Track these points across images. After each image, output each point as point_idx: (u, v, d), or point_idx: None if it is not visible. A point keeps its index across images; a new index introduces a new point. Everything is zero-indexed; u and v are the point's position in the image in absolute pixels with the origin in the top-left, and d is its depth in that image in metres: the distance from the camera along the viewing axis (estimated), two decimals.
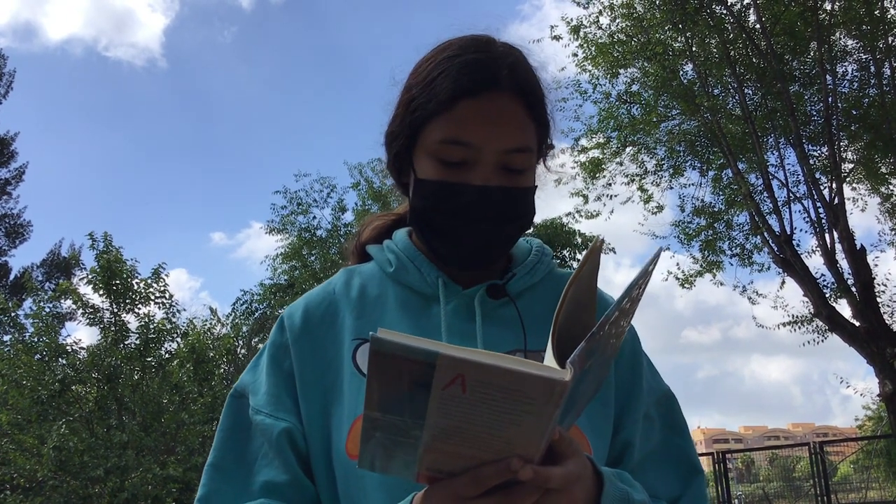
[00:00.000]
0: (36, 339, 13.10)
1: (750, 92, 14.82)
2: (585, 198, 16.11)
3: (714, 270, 15.59)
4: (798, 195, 14.58)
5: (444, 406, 0.76)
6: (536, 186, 1.22)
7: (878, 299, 13.68)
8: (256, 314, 21.01)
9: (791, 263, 13.90)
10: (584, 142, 15.83)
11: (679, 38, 14.74)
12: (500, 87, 1.13)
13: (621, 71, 15.28)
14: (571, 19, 15.01)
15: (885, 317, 13.64)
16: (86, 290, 13.38)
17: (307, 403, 1.17)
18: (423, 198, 1.18)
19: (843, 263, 13.77)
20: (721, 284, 15.72)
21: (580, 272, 0.91)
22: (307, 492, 1.15)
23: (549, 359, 0.84)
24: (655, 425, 1.26)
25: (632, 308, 0.90)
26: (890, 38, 13.97)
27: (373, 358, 0.74)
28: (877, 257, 14.25)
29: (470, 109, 1.12)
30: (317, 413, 1.16)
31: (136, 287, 13.48)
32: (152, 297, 13.66)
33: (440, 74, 1.15)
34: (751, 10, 14.33)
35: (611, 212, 16.03)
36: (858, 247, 13.65)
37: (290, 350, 1.20)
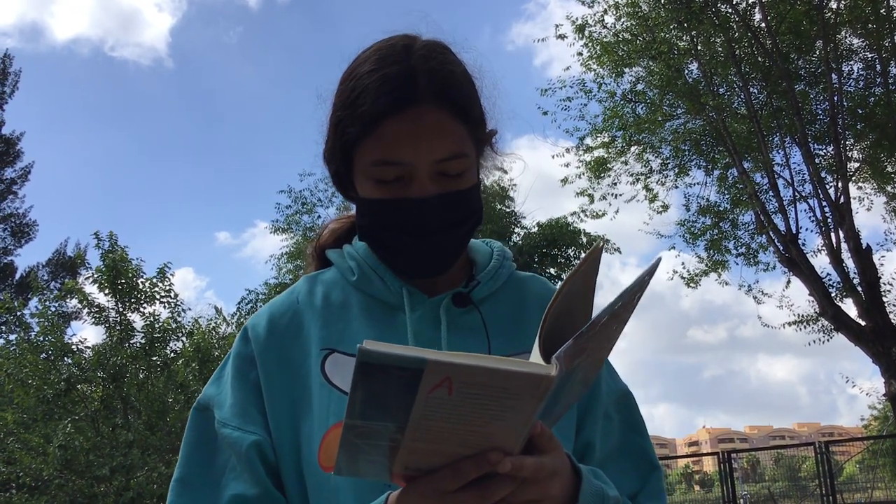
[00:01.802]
0: (41, 339, 13.12)
1: (755, 91, 14.80)
2: (591, 197, 16.12)
3: (719, 270, 15.59)
4: (803, 194, 14.57)
5: (428, 409, 0.77)
6: (480, 180, 1.22)
7: (884, 298, 13.65)
8: None
9: (797, 263, 13.88)
10: (588, 141, 15.83)
11: (684, 37, 14.72)
12: (420, 99, 1.11)
13: (626, 70, 15.28)
14: (576, 18, 15.03)
15: (891, 316, 13.61)
16: (91, 289, 13.39)
17: (275, 415, 1.16)
18: (366, 217, 1.18)
19: (849, 263, 13.76)
20: (726, 284, 15.72)
21: (576, 272, 0.91)
22: None
23: (535, 354, 0.85)
24: (615, 424, 1.27)
25: (626, 315, 0.90)
26: None
27: (359, 369, 0.74)
28: (882, 256, 14.28)
29: (394, 128, 1.11)
30: (285, 425, 1.15)
31: (141, 286, 13.50)
32: (157, 297, 13.67)
33: (360, 95, 1.14)
34: (756, 9, 14.31)
35: (616, 211, 16.05)
36: (864, 246, 13.62)
37: (255, 361, 1.19)
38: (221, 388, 1.21)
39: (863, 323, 13.39)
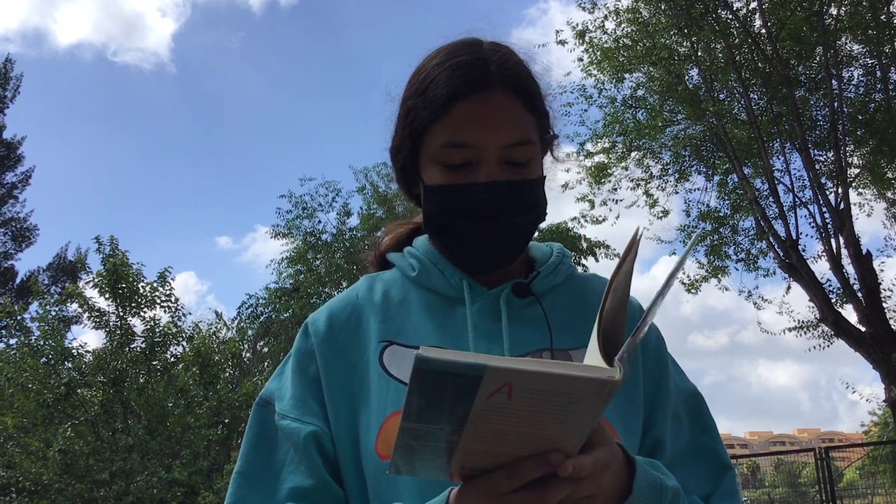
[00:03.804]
0: (42, 343, 13.11)
1: (755, 97, 14.81)
2: (591, 203, 16.11)
3: (719, 275, 15.57)
4: (804, 200, 14.56)
5: (486, 412, 0.76)
6: (545, 177, 1.23)
7: (884, 304, 13.65)
8: (262, 318, 21.02)
9: (797, 268, 13.87)
10: (589, 146, 15.82)
11: (684, 43, 14.74)
12: (492, 84, 1.15)
13: (626, 76, 15.29)
14: (577, 24, 15.05)
15: (891, 322, 13.60)
16: (92, 293, 13.40)
17: (334, 407, 1.17)
18: (433, 204, 1.19)
19: (849, 268, 13.75)
20: (726, 290, 15.71)
21: (623, 264, 0.92)
22: (334, 495, 1.15)
23: (595, 355, 0.84)
24: (684, 424, 1.27)
25: (665, 296, 0.91)
26: None
27: (416, 375, 0.73)
28: (882, 262, 14.31)
29: (465, 110, 1.14)
30: (344, 417, 1.16)
31: (141, 291, 13.50)
32: (158, 301, 13.67)
33: (432, 81, 1.17)
34: (756, 15, 14.33)
35: (616, 217, 16.03)
36: (864, 252, 13.62)
37: (315, 355, 1.21)
38: (282, 383, 1.23)
39: (863, 329, 13.38)
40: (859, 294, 13.49)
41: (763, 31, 14.21)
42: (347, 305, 1.26)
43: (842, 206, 13.82)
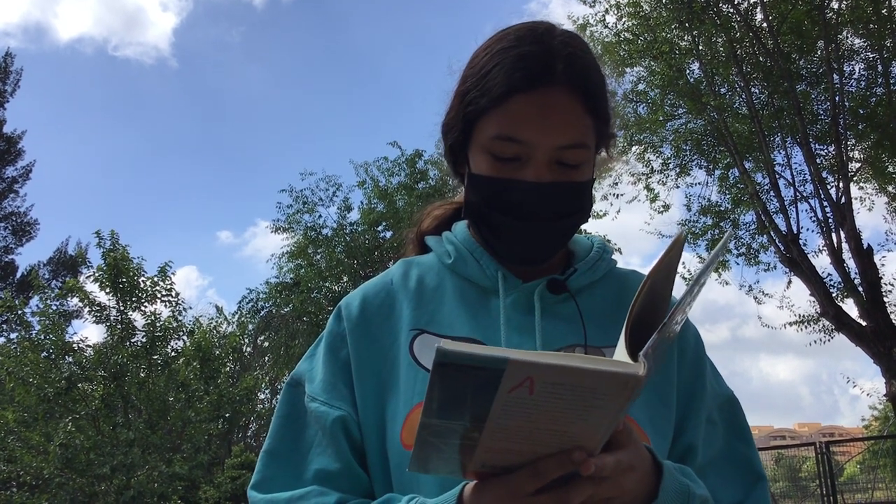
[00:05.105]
0: (42, 337, 13.15)
1: (756, 91, 14.78)
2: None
3: (720, 270, 15.57)
4: (805, 194, 14.54)
5: (508, 408, 0.75)
6: (595, 179, 1.20)
7: (885, 299, 13.63)
8: (262, 313, 21.02)
9: (797, 263, 13.87)
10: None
11: (685, 37, 14.71)
12: (555, 81, 1.10)
13: (627, 70, 15.29)
14: (578, 18, 15.04)
15: (892, 316, 13.58)
16: (92, 288, 13.44)
17: (363, 392, 1.16)
18: (476, 193, 1.17)
19: (850, 263, 13.73)
20: (727, 284, 15.71)
21: (660, 265, 0.89)
22: (359, 480, 1.14)
23: (621, 351, 0.83)
24: (718, 430, 1.24)
25: (698, 293, 0.89)
26: None
27: (437, 369, 0.72)
28: (884, 257, 14.28)
29: (523, 105, 1.10)
30: (372, 402, 1.16)
31: (142, 285, 13.53)
32: (159, 296, 13.70)
33: (494, 67, 1.13)
34: (758, 9, 14.30)
35: (617, 211, 16.03)
36: (865, 246, 13.60)
37: (346, 339, 1.20)
38: (314, 364, 1.23)
39: (864, 323, 13.37)
40: (860, 288, 13.48)
41: (764, 25, 14.18)
42: (381, 290, 1.25)
43: (843, 200, 13.80)
